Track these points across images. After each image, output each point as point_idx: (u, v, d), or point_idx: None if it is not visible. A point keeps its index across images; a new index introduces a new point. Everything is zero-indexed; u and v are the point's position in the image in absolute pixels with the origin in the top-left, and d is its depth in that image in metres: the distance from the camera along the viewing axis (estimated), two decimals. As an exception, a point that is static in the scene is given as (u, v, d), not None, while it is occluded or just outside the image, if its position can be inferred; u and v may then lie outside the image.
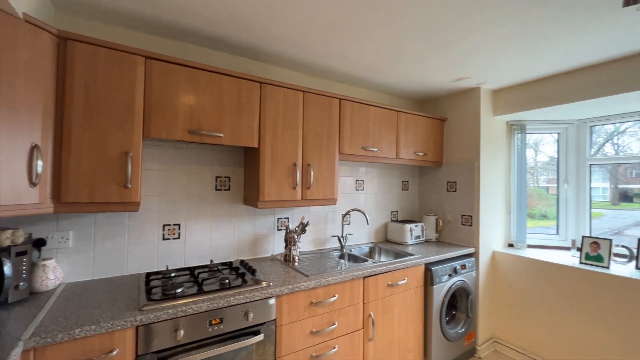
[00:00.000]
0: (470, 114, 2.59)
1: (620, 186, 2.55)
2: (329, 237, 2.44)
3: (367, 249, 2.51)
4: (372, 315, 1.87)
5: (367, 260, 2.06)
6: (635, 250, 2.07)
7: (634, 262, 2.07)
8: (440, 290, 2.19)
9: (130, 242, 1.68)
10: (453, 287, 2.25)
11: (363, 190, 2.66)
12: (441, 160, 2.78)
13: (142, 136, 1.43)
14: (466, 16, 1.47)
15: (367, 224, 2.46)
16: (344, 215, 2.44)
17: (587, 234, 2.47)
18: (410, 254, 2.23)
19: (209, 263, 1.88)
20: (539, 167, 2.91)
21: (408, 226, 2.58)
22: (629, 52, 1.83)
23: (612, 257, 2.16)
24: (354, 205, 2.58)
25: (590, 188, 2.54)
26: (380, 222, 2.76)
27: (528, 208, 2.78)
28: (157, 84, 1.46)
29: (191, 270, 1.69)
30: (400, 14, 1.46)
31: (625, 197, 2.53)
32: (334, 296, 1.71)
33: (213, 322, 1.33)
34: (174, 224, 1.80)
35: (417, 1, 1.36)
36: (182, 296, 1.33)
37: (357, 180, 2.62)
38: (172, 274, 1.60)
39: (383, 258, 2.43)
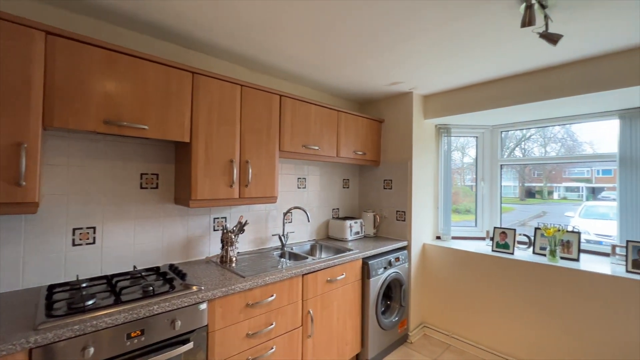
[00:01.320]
0: (404, 116, 2.77)
1: (526, 184, 2.99)
2: (269, 236, 2.39)
3: (308, 247, 2.53)
4: (311, 312, 1.89)
5: (307, 258, 2.07)
6: (532, 238, 2.44)
7: (531, 248, 2.44)
8: (377, 283, 2.31)
9: (27, 251, 1.42)
10: (388, 278, 2.39)
11: (305, 188, 2.66)
12: (379, 160, 2.92)
13: (41, 125, 1.21)
14: (396, 25, 1.56)
15: (309, 221, 2.48)
16: (285, 214, 2.41)
17: (499, 226, 2.84)
18: (350, 250, 2.31)
19: (131, 270, 1.70)
20: (465, 167, 3.25)
21: (348, 223, 2.66)
22: (530, 68, 2.14)
23: (516, 245, 2.52)
24: (297, 203, 2.58)
25: (501, 185, 2.92)
26: (322, 219, 2.81)
27: (455, 204, 3.09)
28: (63, 66, 1.26)
29: (108, 278, 1.50)
30: (336, 15, 1.49)
31: (529, 193, 2.97)
32: (272, 296, 1.68)
33: (132, 334, 1.19)
34: (88, 227, 1.58)
35: (351, 6, 1.40)
36: (94, 309, 1.17)
37: (299, 178, 2.61)
38: (84, 285, 1.40)
39: (324, 254, 2.47)
